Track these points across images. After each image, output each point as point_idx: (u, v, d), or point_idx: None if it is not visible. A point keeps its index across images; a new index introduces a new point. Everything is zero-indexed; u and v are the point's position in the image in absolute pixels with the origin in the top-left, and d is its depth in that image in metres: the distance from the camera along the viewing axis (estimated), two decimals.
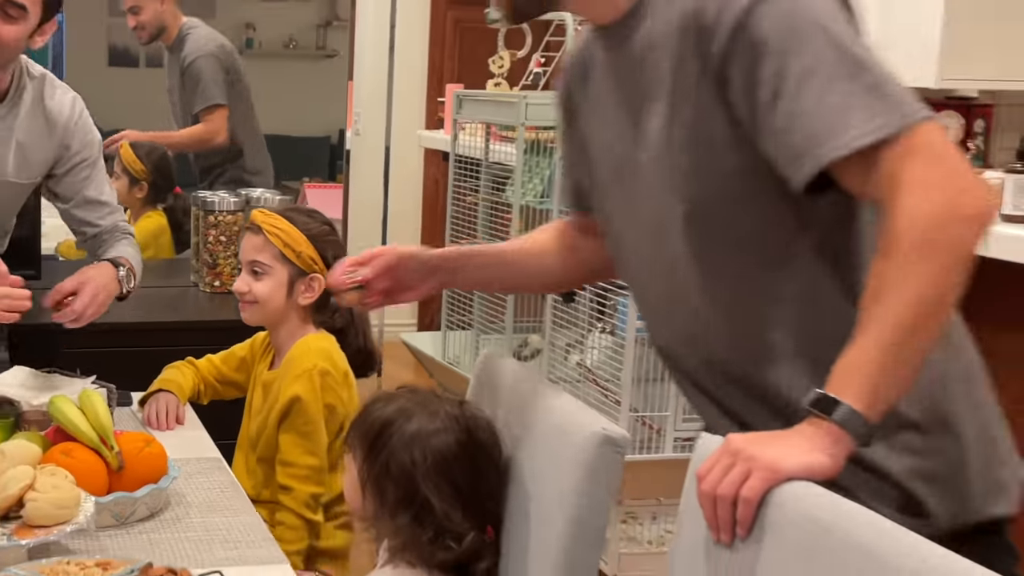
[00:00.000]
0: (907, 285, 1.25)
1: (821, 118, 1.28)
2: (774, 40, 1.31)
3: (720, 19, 1.34)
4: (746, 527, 1.29)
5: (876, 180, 1.28)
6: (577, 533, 1.53)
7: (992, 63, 3.01)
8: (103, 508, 1.76)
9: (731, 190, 1.39)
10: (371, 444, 1.65)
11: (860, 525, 1.20)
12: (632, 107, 1.48)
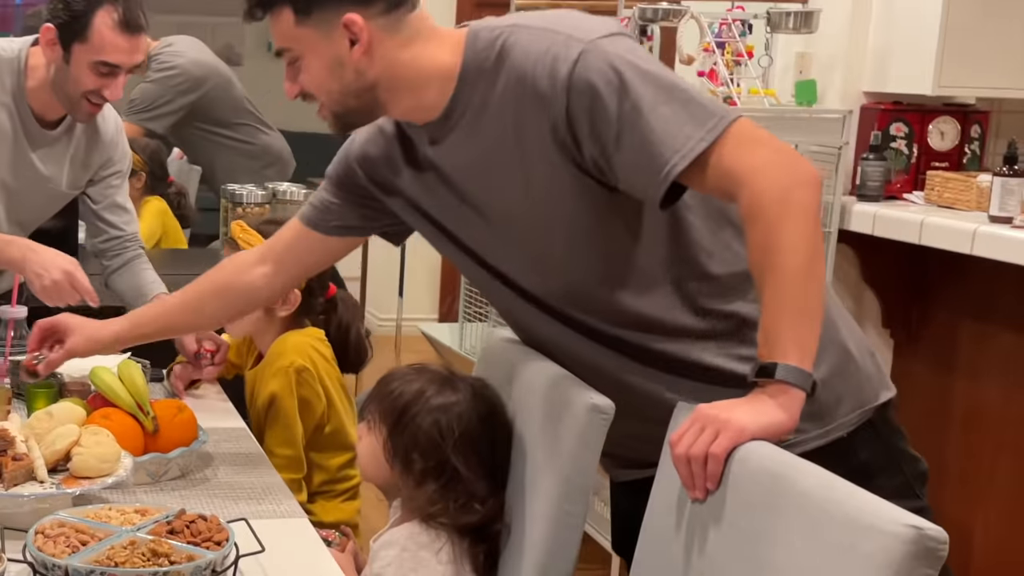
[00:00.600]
0: (785, 247, 1.45)
1: (659, 141, 1.50)
2: (601, 91, 1.52)
3: (553, 85, 1.55)
4: (716, 480, 1.45)
5: (719, 175, 1.50)
6: (566, 491, 1.69)
7: (988, 72, 3.14)
8: (139, 467, 1.92)
9: (590, 231, 1.62)
10: (397, 418, 1.78)
11: (804, 475, 1.37)
12: (485, 175, 1.66)
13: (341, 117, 1.70)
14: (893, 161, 3.24)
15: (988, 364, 3.13)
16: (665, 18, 3.10)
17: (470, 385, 1.81)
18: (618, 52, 1.54)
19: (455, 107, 1.65)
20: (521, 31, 1.61)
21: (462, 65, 1.64)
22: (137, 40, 2.35)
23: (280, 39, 1.69)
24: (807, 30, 3.12)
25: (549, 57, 1.56)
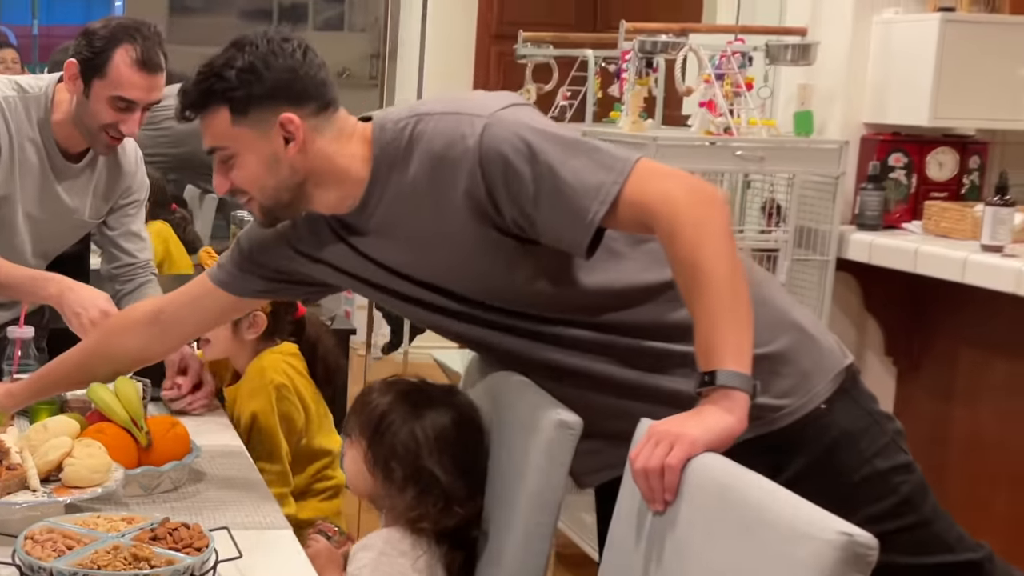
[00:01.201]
0: (707, 264, 1.55)
1: (576, 193, 1.61)
2: (511, 157, 1.63)
3: (465, 160, 1.65)
4: (673, 491, 1.51)
5: (635, 212, 1.61)
6: (536, 503, 1.75)
7: (983, 104, 3.19)
8: (132, 479, 1.98)
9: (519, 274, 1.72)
10: (375, 429, 1.85)
11: (748, 485, 1.43)
12: (411, 254, 1.77)
13: (271, 211, 1.79)
14: (892, 191, 3.28)
15: (986, 392, 3.16)
16: (664, 50, 3.16)
17: (443, 392, 1.88)
18: (519, 120, 1.66)
19: (371, 196, 1.75)
20: (427, 118, 1.71)
21: (373, 157, 1.74)
22: (154, 78, 2.43)
23: (214, 138, 1.76)
24: (805, 62, 3.17)
25: (458, 135, 1.66)
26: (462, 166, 1.66)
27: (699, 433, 1.50)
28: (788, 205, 3.09)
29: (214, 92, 1.73)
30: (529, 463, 1.76)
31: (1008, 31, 3.15)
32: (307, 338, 2.48)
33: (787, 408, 1.73)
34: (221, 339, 2.40)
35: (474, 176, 1.65)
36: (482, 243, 1.70)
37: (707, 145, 3.03)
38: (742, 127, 3.11)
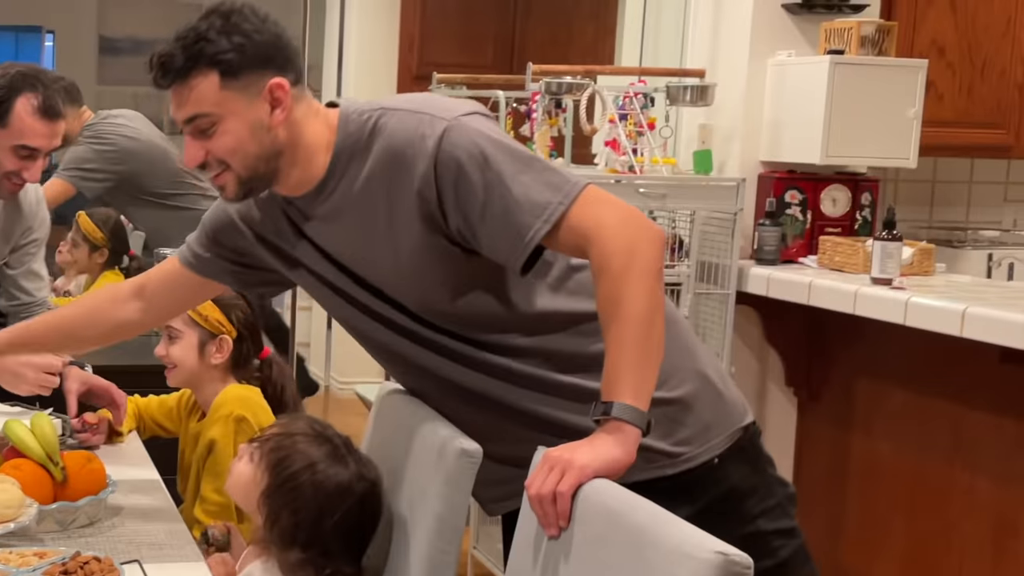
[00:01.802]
0: (628, 301, 1.60)
1: (521, 208, 1.65)
2: (465, 162, 1.66)
3: (422, 165, 1.68)
4: (566, 517, 1.59)
5: (573, 235, 1.65)
6: (439, 528, 1.82)
7: (873, 142, 3.34)
8: (48, 515, 2.02)
9: (454, 285, 1.76)
10: (285, 477, 1.85)
11: (635, 509, 1.52)
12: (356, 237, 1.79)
13: (246, 183, 1.78)
14: (789, 227, 3.42)
15: (882, 421, 3.29)
16: (570, 91, 3.27)
17: (362, 463, 1.90)
18: (479, 128, 1.69)
19: (328, 182, 1.78)
20: (390, 113, 1.74)
21: (336, 143, 1.77)
22: (56, 125, 2.47)
23: (198, 104, 1.73)
24: (703, 103, 3.30)
25: (417, 135, 1.69)
26: (417, 166, 1.69)
27: (588, 461, 1.57)
28: (690, 240, 3.20)
29: (203, 56, 1.71)
30: (432, 491, 1.83)
31: (895, 73, 3.31)
32: (273, 382, 2.49)
33: (682, 456, 1.79)
34: (187, 363, 2.40)
35: (427, 178, 1.68)
36: (424, 245, 1.73)
37: (612, 183, 3.13)
38: (645, 165, 3.22)
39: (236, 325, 2.40)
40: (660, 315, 1.63)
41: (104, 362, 3.14)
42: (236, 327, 2.41)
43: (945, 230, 4.38)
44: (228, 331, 2.41)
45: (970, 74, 3.96)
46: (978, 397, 2.92)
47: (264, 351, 2.51)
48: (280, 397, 2.50)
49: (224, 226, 1.98)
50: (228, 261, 2.00)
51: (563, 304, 1.78)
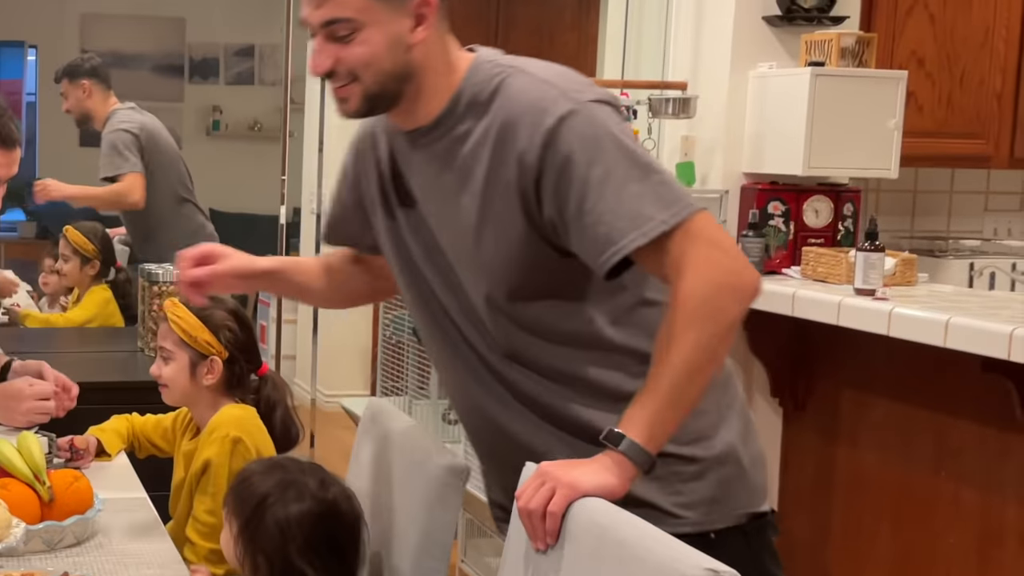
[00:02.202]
0: (682, 346, 1.55)
1: (622, 214, 1.56)
2: (577, 152, 1.58)
3: (532, 139, 1.59)
4: (554, 535, 1.59)
5: (666, 260, 1.57)
6: (427, 547, 1.84)
7: (854, 153, 3.36)
8: (34, 535, 2.02)
9: (528, 278, 1.67)
10: (246, 520, 1.87)
11: (623, 525, 1.52)
12: (447, 194, 1.71)
13: (371, 100, 1.67)
14: (772, 238, 3.44)
15: (866, 431, 3.30)
16: None
17: (318, 483, 1.89)
18: (603, 120, 1.60)
19: (440, 124, 1.69)
20: (520, 75, 1.65)
21: (459, 86, 1.68)
22: (12, 153, 2.44)
23: (341, 7, 1.63)
24: (685, 115, 3.32)
25: (538, 108, 1.60)
26: (527, 138, 1.60)
27: (583, 482, 1.56)
28: None
29: None
30: (420, 508, 1.85)
31: (875, 84, 3.33)
32: (267, 400, 2.47)
33: (680, 519, 1.72)
34: (179, 384, 2.40)
35: (533, 154, 1.60)
36: (509, 221, 1.64)
37: None
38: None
39: (226, 346, 2.39)
40: (707, 371, 1.58)
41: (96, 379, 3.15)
42: (227, 348, 2.40)
43: (927, 240, 4.41)
44: (218, 352, 2.39)
45: (949, 85, 4.00)
46: (962, 407, 2.93)
47: (262, 368, 2.50)
48: (271, 415, 2.47)
49: (346, 177, 1.90)
50: (357, 220, 1.90)
51: (620, 336, 1.71)
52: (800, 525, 3.52)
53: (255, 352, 2.46)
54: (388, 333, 4.08)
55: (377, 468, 2.02)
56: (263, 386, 2.48)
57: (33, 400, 2.55)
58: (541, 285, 1.68)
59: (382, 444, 2.03)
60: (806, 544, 3.48)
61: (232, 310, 2.45)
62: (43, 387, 2.57)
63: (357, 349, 6.68)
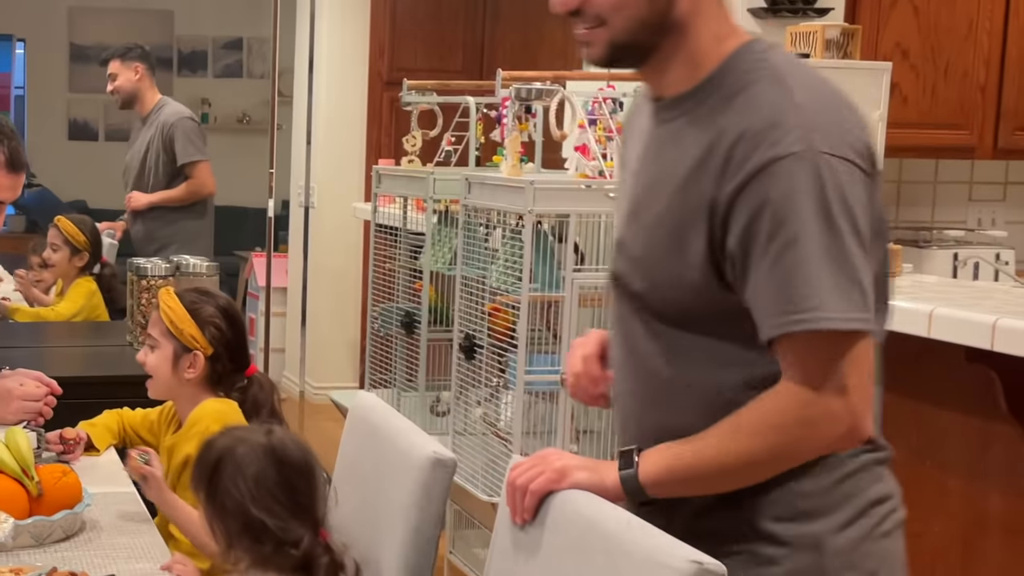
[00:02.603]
0: (740, 445, 1.48)
1: (806, 290, 1.40)
2: (777, 203, 1.40)
3: (743, 162, 1.42)
4: (530, 512, 1.61)
5: (795, 358, 1.43)
6: (414, 539, 1.85)
7: None
8: (23, 530, 2.03)
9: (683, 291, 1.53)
10: (207, 488, 1.89)
11: (608, 518, 1.54)
12: (650, 180, 1.58)
13: (616, 49, 1.52)
14: None
15: None
16: (539, 97, 3.29)
17: (263, 433, 1.91)
18: (831, 179, 1.40)
19: (686, 100, 1.53)
20: (775, 86, 1.46)
21: (718, 68, 1.51)
22: (19, 177, 2.47)
23: None
24: None
25: (764, 133, 1.42)
26: (741, 160, 1.43)
27: (570, 475, 1.59)
28: None
29: None
30: (407, 501, 1.86)
31: (860, 76, 3.34)
32: (254, 400, 2.47)
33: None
34: (162, 374, 2.41)
35: (734, 180, 1.43)
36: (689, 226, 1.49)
37: (582, 188, 3.16)
38: (615, 169, 3.24)
39: (211, 342, 2.39)
40: (741, 480, 1.51)
41: (87, 373, 3.17)
42: (211, 344, 2.40)
43: (911, 230, 4.42)
44: (202, 348, 2.41)
45: (933, 76, 4.01)
46: (946, 397, 2.95)
47: (250, 368, 2.50)
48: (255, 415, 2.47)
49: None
50: None
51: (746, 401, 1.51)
52: None
53: (242, 352, 2.47)
54: (376, 326, 4.09)
55: (363, 460, 2.03)
56: (250, 387, 2.48)
57: (21, 400, 2.58)
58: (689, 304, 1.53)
59: (369, 437, 2.04)
60: None
61: (223, 307, 2.45)
62: (32, 388, 2.59)
63: (345, 342, 6.70)
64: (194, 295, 2.46)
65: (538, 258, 3.12)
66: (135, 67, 5.12)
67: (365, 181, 6.44)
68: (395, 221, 4.11)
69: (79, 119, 9.87)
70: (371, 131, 6.55)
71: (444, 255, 3.77)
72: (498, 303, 3.24)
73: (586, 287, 3.16)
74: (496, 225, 3.34)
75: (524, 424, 3.16)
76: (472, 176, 3.40)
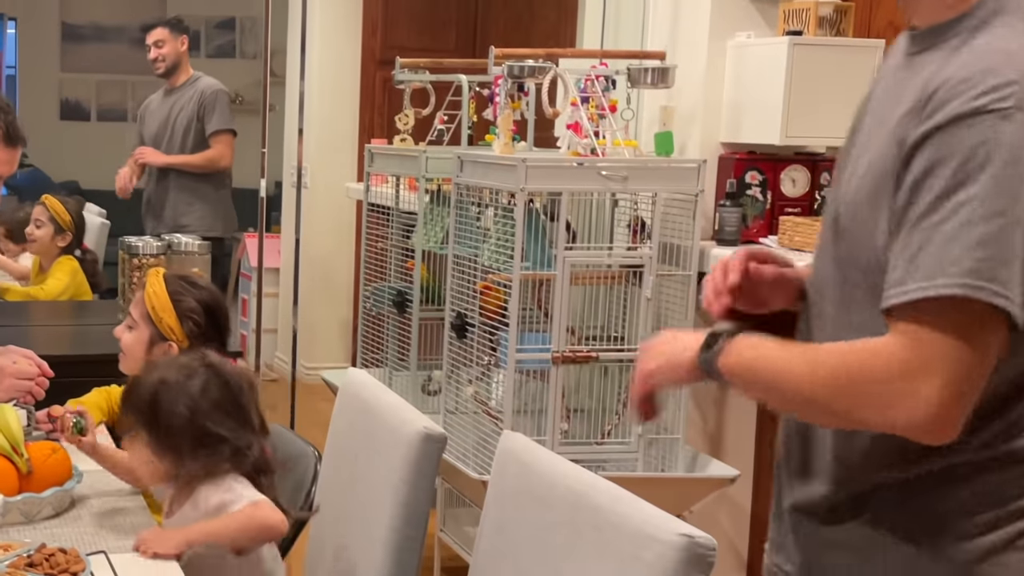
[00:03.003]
0: (809, 382, 1.35)
1: (940, 257, 1.26)
2: (963, 156, 1.27)
3: (942, 108, 1.30)
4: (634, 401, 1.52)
5: (907, 315, 1.29)
6: (404, 515, 1.85)
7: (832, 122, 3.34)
8: (12, 507, 2.03)
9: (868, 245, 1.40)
10: (149, 417, 1.94)
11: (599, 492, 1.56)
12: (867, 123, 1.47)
13: None
14: (750, 207, 3.45)
15: None
16: (532, 75, 3.28)
17: (197, 358, 1.97)
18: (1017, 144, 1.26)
19: (929, 36, 1.41)
20: (1002, 31, 1.33)
21: (974, 6, 1.37)
22: (16, 152, 2.47)
23: None
24: (664, 85, 3.32)
25: (975, 81, 1.29)
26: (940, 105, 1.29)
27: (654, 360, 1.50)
28: (652, 222, 3.22)
29: None
30: (397, 477, 1.86)
31: (853, 53, 3.33)
32: None
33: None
34: (135, 355, 2.40)
35: (919, 128, 1.30)
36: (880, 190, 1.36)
37: (574, 166, 3.15)
38: (607, 148, 3.24)
39: (188, 335, 2.37)
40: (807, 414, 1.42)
41: (77, 352, 3.16)
42: (187, 338, 2.38)
43: None
44: (178, 340, 2.38)
45: None
46: None
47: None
48: None
49: None
50: None
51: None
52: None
53: (220, 348, 2.41)
54: (368, 305, 4.08)
55: (354, 437, 2.03)
56: None
57: (14, 378, 2.57)
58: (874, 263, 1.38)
59: (359, 413, 2.04)
60: None
61: (206, 302, 2.42)
62: (24, 366, 2.58)
63: (338, 322, 6.69)
64: (180, 284, 2.43)
65: (530, 236, 3.11)
66: (182, 39, 5.39)
67: (358, 161, 6.42)
68: (387, 200, 4.10)
69: (71, 99, 9.83)
70: (364, 111, 6.53)
71: (436, 234, 3.77)
72: (490, 281, 3.24)
73: (578, 265, 3.15)
74: (488, 204, 3.33)
75: (515, 403, 3.16)
76: (464, 155, 3.39)
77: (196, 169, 5.28)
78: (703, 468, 3.25)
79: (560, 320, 3.07)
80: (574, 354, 3.13)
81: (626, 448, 3.21)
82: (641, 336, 3.15)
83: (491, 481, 1.74)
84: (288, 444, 2.29)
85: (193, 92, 5.34)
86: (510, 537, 1.68)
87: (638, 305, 3.20)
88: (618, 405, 3.27)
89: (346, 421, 2.12)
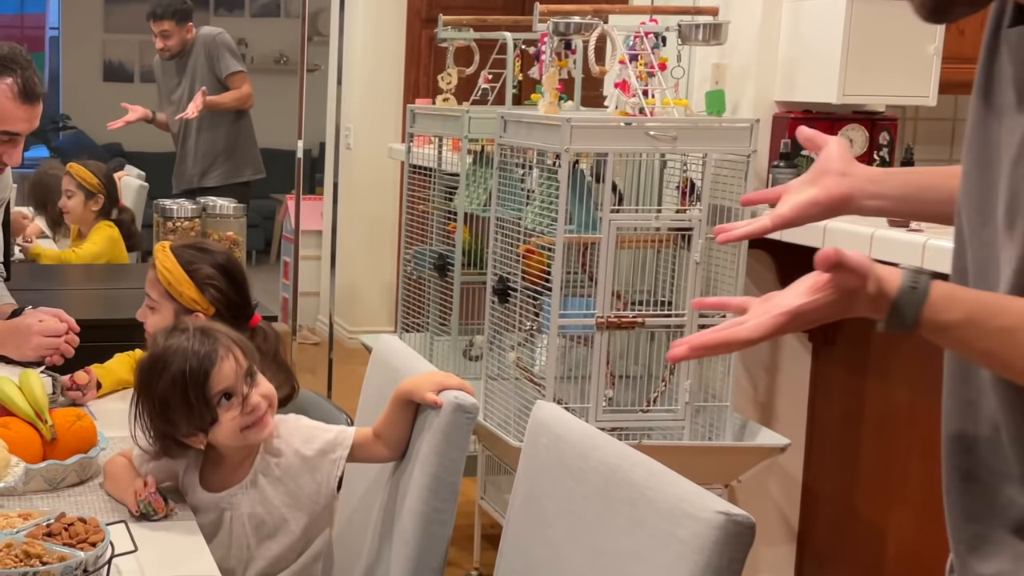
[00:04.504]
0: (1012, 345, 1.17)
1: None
2: None
3: None
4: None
5: None
6: (434, 487, 1.77)
7: (892, 80, 3.23)
8: (36, 474, 1.98)
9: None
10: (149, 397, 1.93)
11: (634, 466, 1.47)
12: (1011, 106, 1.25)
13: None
14: (804, 168, 3.31)
15: (897, 367, 3.21)
16: (578, 31, 3.17)
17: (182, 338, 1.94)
18: None
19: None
20: None
21: None
22: (36, 108, 2.42)
23: None
24: (716, 42, 3.19)
25: None
26: None
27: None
28: (702, 184, 3.11)
29: None
30: (427, 447, 1.78)
31: None
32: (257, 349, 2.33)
33: None
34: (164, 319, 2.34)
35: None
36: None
37: (621, 126, 3.05)
38: (656, 107, 3.13)
39: (212, 302, 2.31)
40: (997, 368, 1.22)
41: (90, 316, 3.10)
42: (212, 304, 2.31)
43: None
44: (203, 309, 2.31)
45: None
46: None
47: (254, 319, 2.41)
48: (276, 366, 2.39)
49: None
50: None
51: None
52: (829, 461, 3.44)
53: (245, 306, 2.38)
54: (409, 269, 4.01)
55: (384, 404, 1.94)
56: (254, 337, 2.40)
57: (41, 336, 2.53)
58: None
59: (390, 381, 1.95)
60: (835, 479, 3.41)
61: (221, 264, 2.36)
62: (52, 324, 2.55)
63: (381, 285, 6.63)
64: (191, 253, 2.36)
65: (574, 198, 3.02)
66: (188, 27, 5.50)
67: (402, 122, 6.32)
68: (430, 161, 4.01)
69: (114, 60, 9.82)
70: (409, 70, 6.43)
71: (479, 196, 3.68)
72: (533, 245, 3.15)
73: (624, 228, 3.06)
74: (532, 165, 3.23)
75: (558, 369, 3.08)
76: (508, 114, 3.30)
77: (229, 108, 5.45)
78: (752, 437, 3.15)
79: (605, 285, 2.98)
80: (619, 319, 3.04)
81: (672, 416, 3.12)
82: (689, 301, 3.05)
83: (523, 452, 1.67)
84: (322, 412, 2.22)
85: (197, 46, 5.51)
86: (541, 509, 1.60)
87: (686, 269, 3.10)
88: (665, 372, 3.17)
89: (376, 388, 2.04)
